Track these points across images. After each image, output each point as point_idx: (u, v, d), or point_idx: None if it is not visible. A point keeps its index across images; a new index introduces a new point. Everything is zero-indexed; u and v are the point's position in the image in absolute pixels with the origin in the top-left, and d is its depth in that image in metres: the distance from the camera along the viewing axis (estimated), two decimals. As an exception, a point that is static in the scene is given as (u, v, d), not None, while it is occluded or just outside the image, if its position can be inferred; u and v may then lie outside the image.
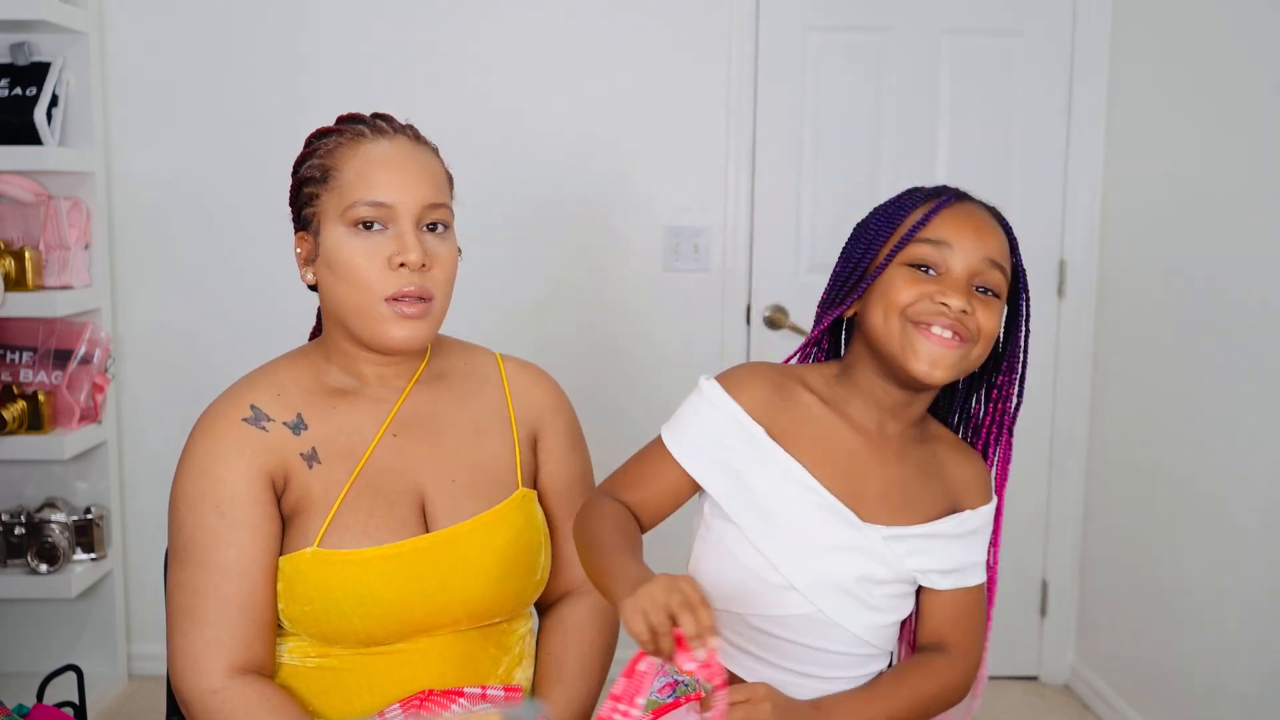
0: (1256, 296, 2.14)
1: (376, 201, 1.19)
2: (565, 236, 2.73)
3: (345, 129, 1.25)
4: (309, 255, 1.26)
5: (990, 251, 1.12)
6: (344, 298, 1.21)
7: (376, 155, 1.21)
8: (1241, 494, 2.18)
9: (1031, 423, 2.87)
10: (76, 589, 2.53)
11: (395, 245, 1.19)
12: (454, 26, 2.71)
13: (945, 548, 1.18)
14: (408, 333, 1.21)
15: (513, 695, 1.25)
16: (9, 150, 2.43)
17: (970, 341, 1.11)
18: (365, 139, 1.23)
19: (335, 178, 1.22)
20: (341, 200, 1.21)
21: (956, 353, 1.10)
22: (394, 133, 1.25)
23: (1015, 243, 1.17)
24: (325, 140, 1.25)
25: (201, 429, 1.23)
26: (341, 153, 1.23)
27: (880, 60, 2.76)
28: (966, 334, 1.10)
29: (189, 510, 1.20)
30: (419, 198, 1.21)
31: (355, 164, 1.21)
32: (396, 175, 1.21)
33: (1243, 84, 2.21)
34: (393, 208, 1.20)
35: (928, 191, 1.19)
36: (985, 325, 1.11)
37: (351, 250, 1.20)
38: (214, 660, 1.17)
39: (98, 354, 2.60)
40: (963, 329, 1.10)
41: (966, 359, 1.11)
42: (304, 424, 1.23)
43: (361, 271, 1.19)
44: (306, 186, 1.25)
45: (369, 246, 1.19)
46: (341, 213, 1.20)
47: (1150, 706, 2.51)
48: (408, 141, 1.25)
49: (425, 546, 1.22)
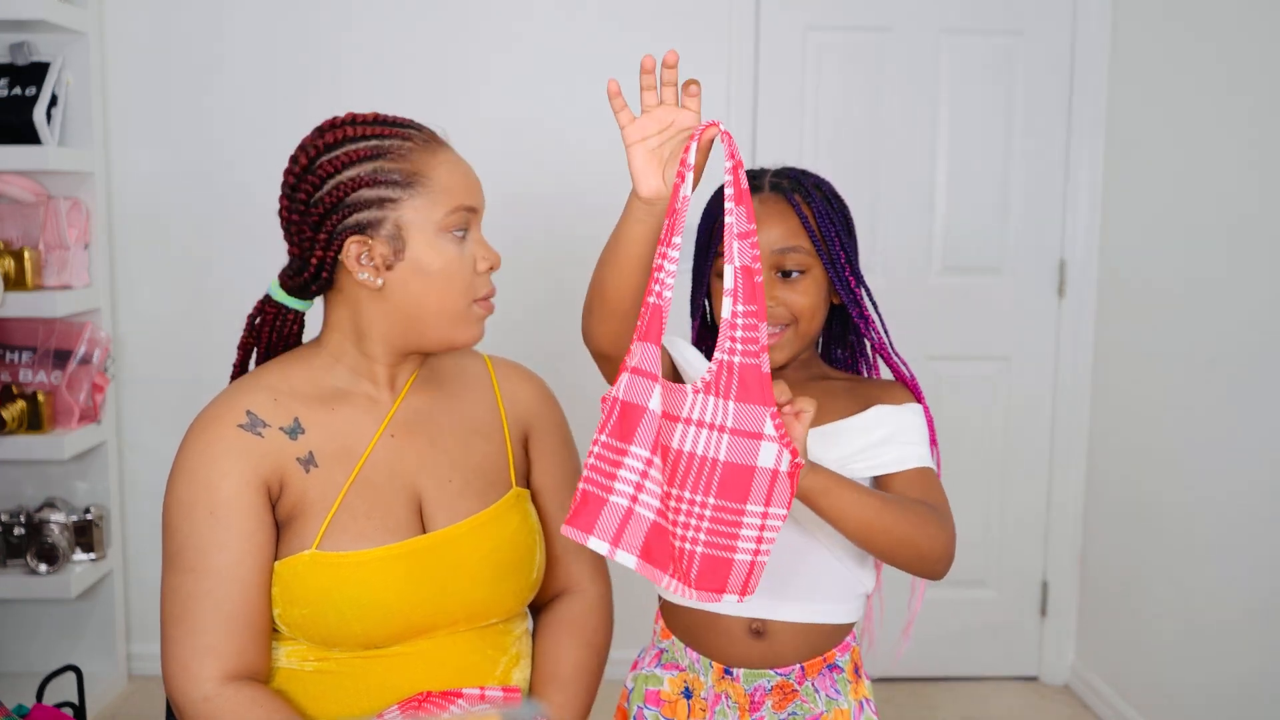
0: (1257, 296, 2.14)
1: (471, 206, 1.23)
2: (564, 237, 2.73)
3: (405, 133, 1.22)
4: (386, 261, 1.20)
5: (777, 240, 1.24)
6: (432, 301, 1.22)
7: (451, 160, 1.24)
8: (1241, 494, 2.18)
9: (1032, 422, 2.88)
10: (76, 589, 2.53)
11: (481, 249, 1.24)
12: (453, 27, 2.71)
13: (861, 438, 1.23)
14: (481, 330, 1.27)
15: (511, 696, 1.25)
16: (9, 150, 2.43)
17: (791, 323, 1.24)
18: (440, 145, 1.24)
19: (424, 183, 1.20)
20: (438, 205, 1.20)
21: (782, 340, 1.24)
22: (439, 137, 1.26)
23: (816, 205, 1.25)
24: (388, 143, 1.20)
25: (196, 434, 1.22)
26: (422, 157, 1.21)
27: (880, 60, 2.76)
28: (784, 320, 1.24)
29: (182, 516, 1.19)
30: (483, 202, 1.27)
31: (443, 170, 1.21)
32: (472, 179, 1.25)
33: (1243, 84, 2.21)
34: (478, 211, 1.25)
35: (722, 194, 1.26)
36: (797, 304, 1.24)
37: (451, 256, 1.21)
38: (206, 667, 1.16)
39: (97, 354, 2.60)
40: (777, 319, 1.24)
41: (797, 337, 1.25)
42: (301, 428, 1.23)
43: (459, 276, 1.22)
44: (370, 189, 1.19)
45: (462, 251, 1.22)
46: (441, 218, 1.20)
47: (1150, 706, 2.51)
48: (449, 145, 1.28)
49: (424, 547, 1.22)
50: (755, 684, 1.26)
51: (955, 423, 2.76)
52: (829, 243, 1.25)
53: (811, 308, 1.25)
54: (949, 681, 2.89)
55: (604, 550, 1.08)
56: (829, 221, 1.25)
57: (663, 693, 1.31)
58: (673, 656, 1.32)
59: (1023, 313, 2.84)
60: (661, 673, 1.32)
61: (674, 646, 1.32)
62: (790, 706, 1.26)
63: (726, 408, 1.00)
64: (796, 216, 1.25)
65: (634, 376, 1.06)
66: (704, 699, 1.28)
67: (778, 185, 1.28)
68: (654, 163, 1.11)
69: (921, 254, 2.81)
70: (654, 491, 1.06)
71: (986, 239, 2.82)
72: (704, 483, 1.01)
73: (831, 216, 1.26)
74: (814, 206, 1.25)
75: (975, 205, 2.80)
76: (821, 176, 1.32)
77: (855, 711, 1.28)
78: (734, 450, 1.00)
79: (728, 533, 1.01)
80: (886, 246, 2.79)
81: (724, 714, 1.26)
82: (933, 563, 1.17)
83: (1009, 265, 2.83)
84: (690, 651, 1.30)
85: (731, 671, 1.26)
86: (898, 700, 2.76)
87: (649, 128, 1.11)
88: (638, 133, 1.11)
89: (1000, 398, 2.87)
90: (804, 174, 1.31)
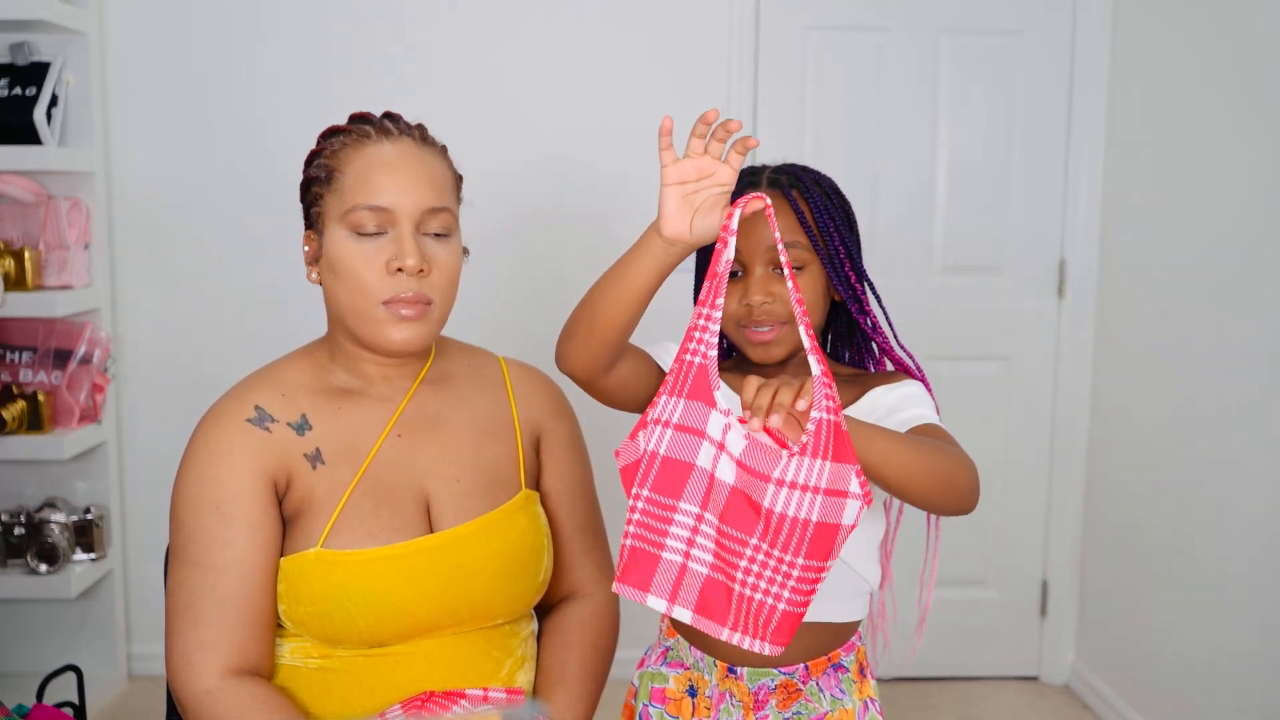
0: (1257, 296, 2.14)
1: (375, 205, 1.19)
2: (564, 238, 2.73)
3: (352, 129, 1.25)
4: (315, 254, 1.25)
5: (772, 237, 1.19)
6: (343, 300, 1.21)
7: (378, 158, 1.21)
8: (1242, 494, 2.18)
9: (1032, 422, 2.88)
10: (76, 589, 2.53)
11: (393, 249, 1.19)
12: (452, 28, 2.71)
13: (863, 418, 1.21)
14: (406, 334, 1.21)
15: (514, 698, 1.25)
16: (9, 150, 2.43)
17: (788, 322, 1.23)
18: (369, 140, 1.23)
19: (338, 179, 1.22)
20: (342, 203, 1.21)
21: (780, 336, 1.24)
22: (399, 134, 1.24)
23: (814, 201, 1.25)
24: (333, 140, 1.25)
25: (204, 429, 1.22)
26: (345, 154, 1.23)
27: (880, 60, 2.76)
28: (781, 317, 1.23)
29: (189, 510, 1.20)
30: (418, 202, 1.21)
31: (357, 166, 1.21)
32: (396, 178, 1.20)
33: (1243, 83, 2.21)
34: (391, 211, 1.20)
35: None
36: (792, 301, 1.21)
37: (350, 253, 1.20)
38: (209, 661, 1.16)
39: (97, 354, 2.60)
40: (775, 317, 1.23)
41: (794, 335, 1.23)
42: (308, 424, 1.23)
43: (360, 275, 1.19)
44: (313, 186, 1.25)
45: (367, 250, 1.19)
46: (342, 215, 1.20)
47: (1150, 706, 2.51)
48: (412, 143, 1.24)
49: (430, 546, 1.22)
50: (759, 683, 1.26)
51: (955, 423, 2.74)
52: (827, 239, 1.25)
53: (809, 304, 1.25)
54: (949, 681, 2.89)
55: (662, 607, 1.08)
56: (828, 217, 1.25)
57: (668, 690, 1.31)
58: (678, 655, 1.32)
59: (1023, 313, 2.84)
60: (667, 670, 1.32)
61: (679, 645, 1.32)
62: (795, 705, 1.26)
63: (822, 469, 0.99)
64: (794, 213, 1.25)
65: (678, 433, 1.06)
66: (708, 697, 1.28)
67: (775, 181, 1.27)
68: (686, 208, 1.12)
69: (921, 254, 2.81)
70: (706, 547, 1.06)
71: (986, 239, 2.82)
72: (795, 543, 1.01)
73: (831, 212, 1.26)
74: (812, 202, 1.25)
75: (975, 205, 2.81)
76: (822, 172, 1.32)
77: (860, 711, 1.28)
78: (826, 510, 1.00)
79: (809, 590, 1.03)
80: (886, 246, 2.79)
81: (728, 712, 1.26)
82: (968, 493, 1.15)
83: (1009, 265, 2.83)
84: (694, 650, 1.30)
85: (735, 670, 1.26)
86: (898, 700, 2.76)
87: (689, 173, 1.11)
88: (677, 175, 1.12)
89: (1000, 398, 2.87)
90: (804, 170, 1.31)
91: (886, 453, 1.06)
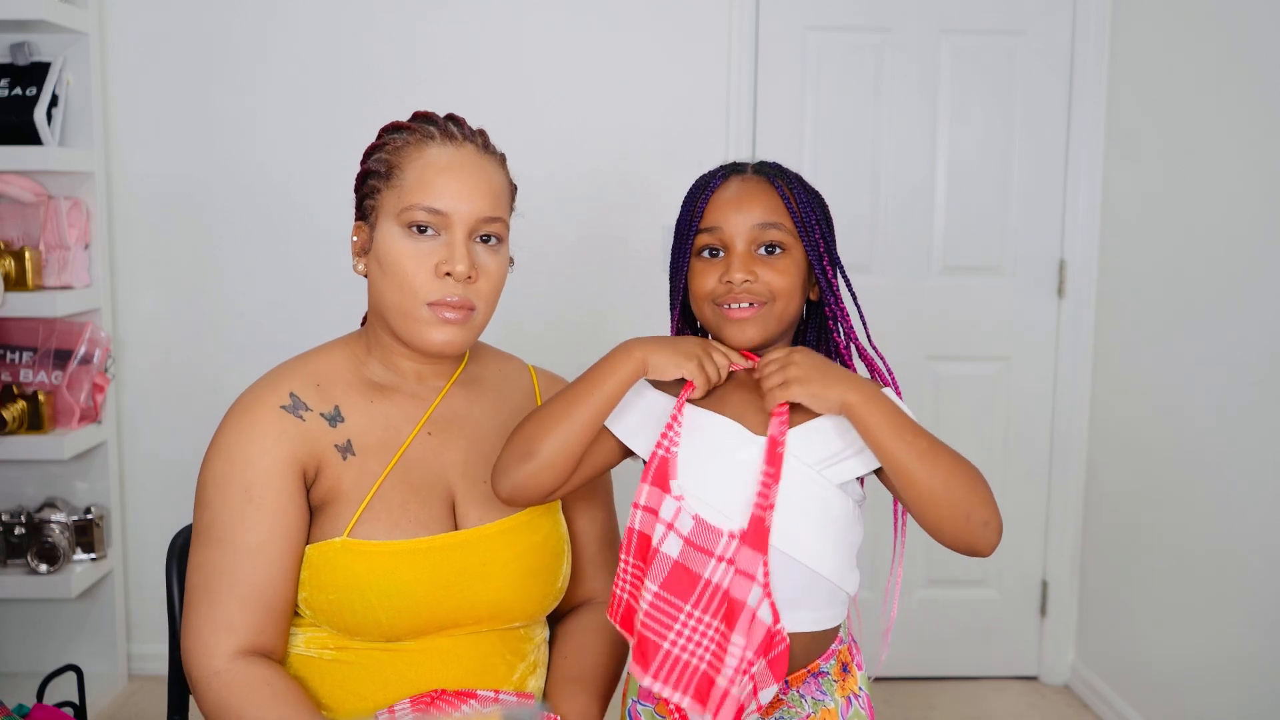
0: (1257, 296, 2.14)
1: (432, 208, 1.21)
2: (564, 237, 2.73)
3: (416, 128, 1.26)
4: (364, 246, 1.26)
5: (759, 216, 1.24)
6: (389, 295, 1.23)
7: (440, 160, 1.22)
8: (1242, 493, 2.18)
9: (1031, 422, 2.88)
10: (76, 589, 2.53)
11: (444, 253, 1.21)
12: (451, 28, 2.71)
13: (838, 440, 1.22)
14: (446, 337, 1.23)
15: (524, 702, 1.25)
16: (9, 150, 2.43)
17: (768, 301, 1.24)
18: (433, 141, 1.24)
19: (397, 176, 1.23)
20: (400, 200, 1.22)
21: (757, 316, 1.24)
22: (462, 139, 1.25)
23: (797, 192, 1.26)
24: (395, 136, 1.26)
25: (238, 412, 1.23)
26: (407, 152, 1.23)
27: (880, 60, 2.76)
28: (761, 297, 1.23)
29: (216, 490, 1.20)
30: (475, 209, 1.22)
31: (418, 166, 1.22)
32: (456, 183, 1.22)
33: (1243, 83, 2.21)
34: (447, 215, 1.21)
35: (706, 177, 1.31)
36: (774, 282, 1.24)
37: (401, 251, 1.21)
38: (222, 642, 1.17)
39: (98, 354, 2.60)
40: (754, 295, 1.23)
41: (771, 316, 1.24)
42: (340, 416, 1.24)
43: (409, 273, 1.21)
44: (370, 179, 1.26)
45: (419, 250, 1.21)
46: (398, 212, 1.22)
47: (1150, 706, 2.51)
48: (474, 150, 1.26)
49: (455, 543, 1.23)
50: None
51: (955, 423, 2.76)
52: (808, 226, 1.26)
53: (789, 288, 1.24)
54: (949, 681, 2.89)
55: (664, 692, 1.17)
56: (809, 208, 1.27)
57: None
58: None
59: (1022, 313, 2.84)
60: None
61: None
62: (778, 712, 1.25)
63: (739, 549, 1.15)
64: (779, 196, 1.26)
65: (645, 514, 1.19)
66: None
67: (760, 169, 1.30)
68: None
69: (921, 254, 2.81)
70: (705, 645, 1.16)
71: (986, 239, 2.82)
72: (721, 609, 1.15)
73: (810, 205, 1.27)
74: (795, 192, 1.27)
75: (975, 205, 2.81)
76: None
77: (843, 708, 1.27)
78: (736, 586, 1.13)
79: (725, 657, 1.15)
80: (886, 246, 2.79)
81: None
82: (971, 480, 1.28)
83: (1009, 265, 2.83)
84: None
85: None
86: (897, 700, 2.76)
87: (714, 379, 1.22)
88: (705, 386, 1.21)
89: (1000, 398, 2.87)
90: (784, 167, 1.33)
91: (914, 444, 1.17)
